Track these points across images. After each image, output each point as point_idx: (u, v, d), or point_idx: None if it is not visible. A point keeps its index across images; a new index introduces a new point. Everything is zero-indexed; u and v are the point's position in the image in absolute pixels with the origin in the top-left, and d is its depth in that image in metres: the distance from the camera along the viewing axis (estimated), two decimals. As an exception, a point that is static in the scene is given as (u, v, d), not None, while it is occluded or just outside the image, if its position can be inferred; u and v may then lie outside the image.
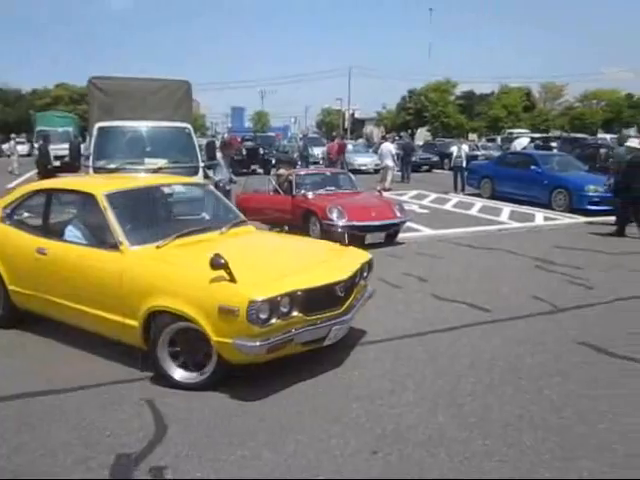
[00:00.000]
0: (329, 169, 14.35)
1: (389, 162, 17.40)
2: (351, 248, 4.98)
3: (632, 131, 63.30)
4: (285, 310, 3.78)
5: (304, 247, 5.32)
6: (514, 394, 3.86)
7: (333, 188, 10.07)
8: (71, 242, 4.63)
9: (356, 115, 71.30)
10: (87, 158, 8.54)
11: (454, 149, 17.11)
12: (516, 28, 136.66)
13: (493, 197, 14.86)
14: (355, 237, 8.44)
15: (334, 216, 8.57)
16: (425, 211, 13.04)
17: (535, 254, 8.32)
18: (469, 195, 15.83)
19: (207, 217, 5.53)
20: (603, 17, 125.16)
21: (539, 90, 68.71)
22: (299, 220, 9.40)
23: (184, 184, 6.04)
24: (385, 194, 14.10)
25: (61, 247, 4.61)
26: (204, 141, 15.07)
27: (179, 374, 3.97)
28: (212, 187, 6.03)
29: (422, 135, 59.57)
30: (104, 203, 4.43)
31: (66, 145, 17.68)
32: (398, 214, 9.02)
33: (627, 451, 3.15)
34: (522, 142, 24.45)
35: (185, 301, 3.80)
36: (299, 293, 3.84)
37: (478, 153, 24.80)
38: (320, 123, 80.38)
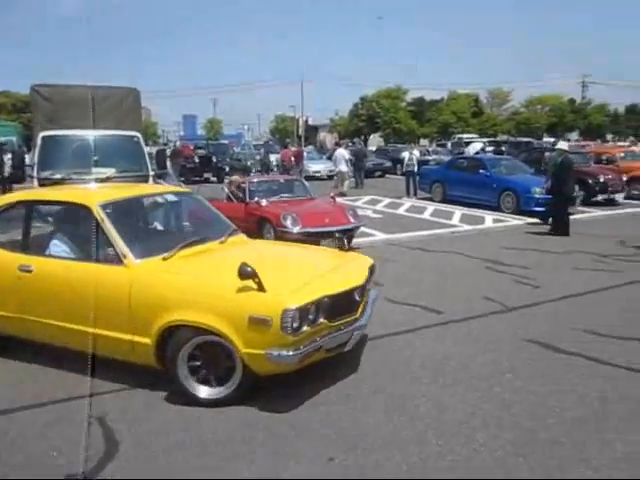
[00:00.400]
0: (282, 176, 14.34)
1: (343, 167, 17.66)
2: (352, 253, 4.99)
3: (575, 135, 66.10)
4: (313, 317, 3.71)
5: (310, 254, 5.25)
6: (466, 393, 3.94)
7: (287, 195, 10.08)
8: (61, 257, 4.34)
9: (310, 122, 71.53)
10: (32, 168, 8.26)
11: (406, 154, 17.40)
12: (461, 35, 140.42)
13: (444, 201, 15.17)
14: (309, 243, 8.52)
15: (288, 223, 8.56)
16: (379, 216, 13.19)
17: (485, 255, 8.54)
18: (421, 199, 16.11)
19: (201, 226, 5.26)
20: (545, 24, 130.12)
21: (486, 96, 70.78)
22: (253, 227, 9.34)
23: (175, 193, 5.74)
24: (339, 200, 14.19)
25: (50, 263, 4.28)
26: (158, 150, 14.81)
27: (204, 391, 3.78)
28: (200, 196, 5.80)
29: (375, 141, 60.31)
30: (100, 214, 4.15)
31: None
32: (352, 219, 9.08)
33: (574, 444, 3.26)
34: (475, 147, 25.23)
35: (210, 313, 3.63)
36: (325, 300, 3.79)
37: (429, 158, 25.30)
38: (274, 130, 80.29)
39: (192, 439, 3.36)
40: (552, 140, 29.81)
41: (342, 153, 18.07)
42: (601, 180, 14.89)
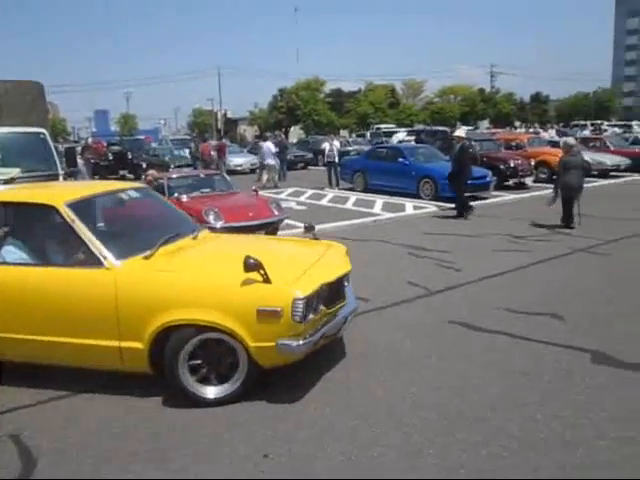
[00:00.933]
0: (203, 171, 14.01)
1: (270, 160, 17.63)
2: (325, 241, 5.00)
3: (486, 122, 69.23)
4: (315, 306, 3.72)
5: (290, 245, 5.26)
6: (394, 378, 4.00)
7: (208, 190, 9.85)
8: (24, 264, 3.93)
9: (229, 115, 70.51)
10: None
11: (326, 146, 17.49)
12: (376, 26, 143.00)
13: (366, 190, 15.40)
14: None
15: (211, 219, 8.36)
16: (302, 207, 13.20)
17: (407, 242, 8.75)
18: (344, 189, 16.27)
19: (166, 223, 4.89)
20: (452, 16, 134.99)
21: (402, 87, 72.55)
22: (174, 225, 9.08)
23: (136, 189, 5.29)
24: (262, 193, 14.07)
25: (12, 271, 3.87)
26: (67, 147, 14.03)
27: (210, 392, 3.66)
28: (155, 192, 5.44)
29: (296, 133, 60.35)
30: (70, 215, 3.83)
31: None
32: (275, 212, 9.02)
33: (498, 421, 3.39)
34: (399, 136, 25.96)
35: (214, 310, 3.52)
36: (324, 287, 3.80)
37: (350, 148, 25.59)
38: (192, 124, 78.44)
39: (118, 450, 3.20)
40: (465, 128, 30.95)
41: (269, 146, 18.00)
42: (512, 165, 15.67)
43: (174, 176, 10.54)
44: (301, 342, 3.55)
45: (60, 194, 4.28)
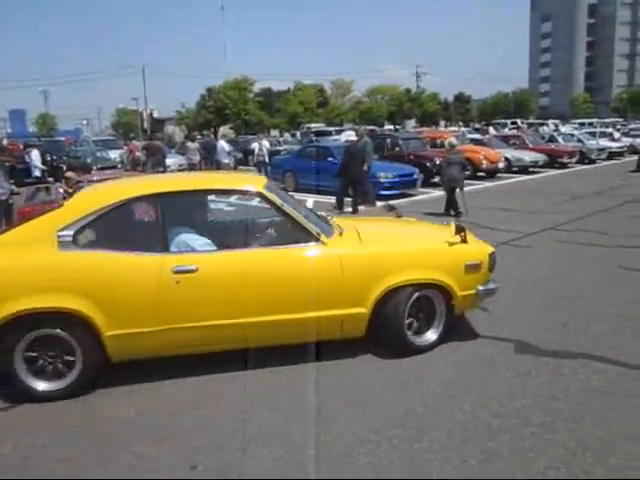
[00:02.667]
0: (128, 172, 13.50)
1: (225, 159, 17.92)
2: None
3: (412, 122, 71.15)
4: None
5: (419, 224, 5.90)
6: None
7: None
8: (238, 248, 4.02)
9: (155, 115, 68.64)
10: None
11: (255, 145, 17.39)
12: (305, 25, 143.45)
13: (297, 190, 15.36)
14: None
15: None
16: (232, 209, 12.96)
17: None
18: (275, 189, 16.18)
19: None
20: (377, 18, 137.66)
21: (330, 87, 73.21)
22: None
23: None
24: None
25: (226, 258, 3.93)
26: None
27: (415, 340, 4.31)
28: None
29: (225, 132, 59.56)
30: (276, 199, 4.16)
31: None
32: (204, 214, 8.80)
33: (429, 415, 3.44)
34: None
35: (432, 269, 4.23)
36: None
37: (280, 148, 25.53)
38: (116, 124, 75.82)
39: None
40: (392, 127, 31.64)
41: (222, 145, 18.32)
42: (437, 162, 16.11)
43: (95, 179, 10.08)
44: (493, 286, 4.50)
45: (253, 180, 4.69)
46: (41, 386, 3.71)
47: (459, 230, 4.48)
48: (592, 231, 8.90)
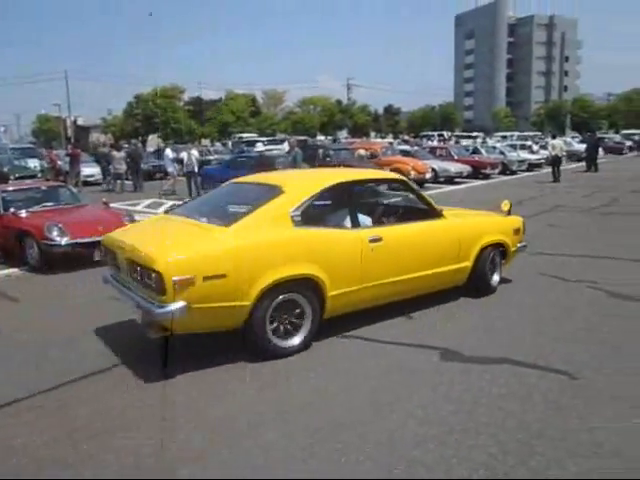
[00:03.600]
0: (44, 182, 12.85)
1: (170, 168, 17.70)
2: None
3: (344, 132, 72.25)
4: None
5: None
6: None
7: (52, 203, 9.04)
8: (399, 223, 5.43)
9: (79, 122, 66.14)
10: None
11: (184, 155, 17.01)
12: (237, 34, 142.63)
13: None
14: (83, 255, 7.77)
15: (54, 235, 7.67)
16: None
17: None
18: (205, 200, 15.91)
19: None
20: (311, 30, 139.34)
21: (262, 96, 73.20)
22: (11, 244, 8.22)
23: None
24: (116, 205, 13.33)
25: (395, 229, 5.24)
26: None
27: (493, 281, 6.17)
28: None
29: (154, 142, 58.23)
30: (413, 185, 5.81)
31: None
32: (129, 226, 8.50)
33: (358, 427, 3.43)
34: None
35: (500, 234, 6.15)
36: None
37: (211, 157, 25.17)
38: (37, 132, 72.34)
39: None
40: (324, 138, 31.96)
41: (167, 153, 18.25)
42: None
43: (10, 189, 9.54)
44: (524, 244, 6.64)
45: (396, 174, 6.51)
46: (282, 344, 4.43)
47: (510, 206, 6.49)
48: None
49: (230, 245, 4.22)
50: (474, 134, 52.67)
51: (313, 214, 4.80)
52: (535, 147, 30.21)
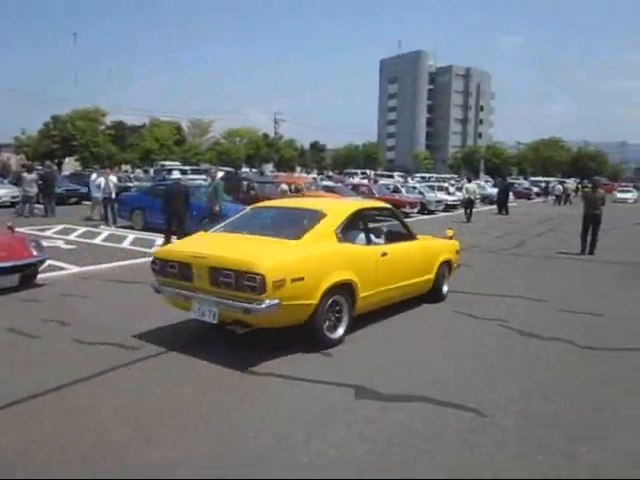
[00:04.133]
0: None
1: (97, 194, 16.63)
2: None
3: (270, 166, 72.59)
4: None
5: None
6: (166, 436, 3.68)
7: (-52, 226, 8.36)
8: (394, 243, 6.80)
9: (-12, 140, 62.32)
10: None
11: (101, 180, 16.36)
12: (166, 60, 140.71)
13: (146, 228, 14.69)
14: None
15: (-52, 259, 7.06)
16: (72, 247, 11.99)
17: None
18: (121, 227, 15.32)
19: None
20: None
21: (188, 125, 72.40)
22: None
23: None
24: (24, 230, 12.51)
25: (395, 247, 6.62)
26: None
27: (444, 289, 7.93)
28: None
29: (71, 165, 55.91)
30: (398, 214, 7.57)
31: None
32: (34, 252, 7.95)
33: (270, 467, 3.29)
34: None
35: (450, 253, 8.00)
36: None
37: (130, 184, 24.41)
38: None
39: None
40: (248, 170, 31.95)
41: (93, 178, 17.48)
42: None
43: None
44: (460, 262, 8.66)
45: (385, 203, 8.06)
46: (331, 336, 5.55)
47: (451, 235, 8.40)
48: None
49: (305, 254, 5.38)
50: (394, 174, 54.58)
51: (345, 233, 6.03)
52: (452, 189, 31.69)
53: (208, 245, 5.83)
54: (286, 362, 5.08)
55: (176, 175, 14.61)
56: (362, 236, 6.31)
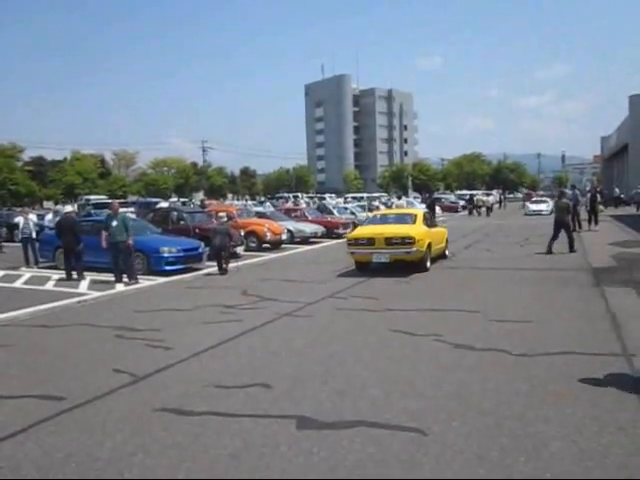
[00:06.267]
0: None
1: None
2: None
3: (200, 194, 71.60)
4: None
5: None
6: (91, 492, 3.43)
7: None
8: (432, 228, 14.62)
9: None
10: None
11: (20, 219, 15.56)
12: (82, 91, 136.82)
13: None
14: None
15: None
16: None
17: (116, 323, 8.09)
18: (44, 268, 14.57)
19: None
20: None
21: (112, 157, 70.53)
22: None
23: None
24: None
25: (434, 230, 14.25)
26: None
27: None
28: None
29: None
30: (431, 215, 17.94)
31: None
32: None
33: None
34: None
35: (445, 239, 15.67)
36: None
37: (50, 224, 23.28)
38: None
39: None
40: (176, 199, 31.41)
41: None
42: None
43: None
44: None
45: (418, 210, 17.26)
46: (427, 266, 13.03)
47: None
48: (365, 297, 9.63)
49: (419, 230, 12.65)
50: (325, 195, 55.21)
51: (424, 222, 13.30)
52: (382, 207, 32.32)
53: (377, 229, 12.96)
54: (229, 396, 4.90)
55: (68, 208, 15.06)
56: (427, 223, 13.56)
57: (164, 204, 29.47)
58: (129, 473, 3.63)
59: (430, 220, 14.30)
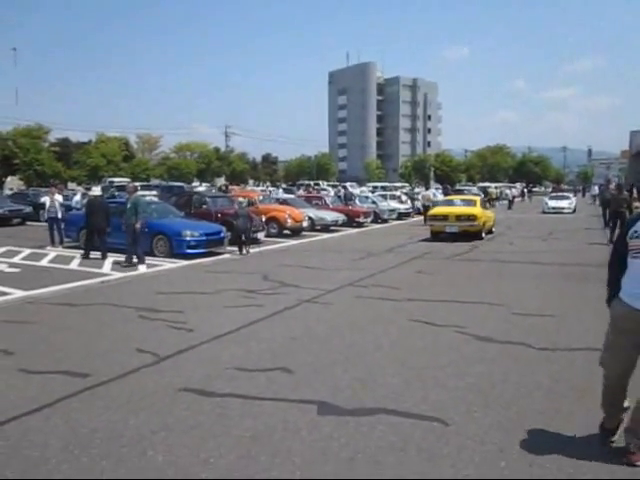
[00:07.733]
0: None
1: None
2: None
3: (222, 180, 71.94)
4: None
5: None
6: (116, 466, 3.50)
7: None
8: (485, 209, 21.33)
9: None
10: None
11: (47, 199, 15.78)
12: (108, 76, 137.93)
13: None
14: None
15: None
16: (16, 270, 11.49)
17: (139, 304, 8.20)
18: (69, 248, 14.80)
19: None
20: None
21: (136, 140, 71.07)
22: None
23: None
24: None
25: (487, 212, 21.05)
26: None
27: None
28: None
29: (14, 184, 54.00)
30: (483, 199, 25.80)
31: None
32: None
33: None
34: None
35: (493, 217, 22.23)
36: None
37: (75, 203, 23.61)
38: None
39: None
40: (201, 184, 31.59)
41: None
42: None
43: None
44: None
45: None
46: (484, 237, 18.77)
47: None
48: (385, 286, 9.61)
49: (479, 211, 18.42)
50: (347, 184, 55.04)
51: (480, 205, 19.33)
52: (404, 197, 32.14)
53: (450, 209, 18.55)
54: (251, 379, 4.95)
55: (95, 191, 15.32)
56: (483, 206, 19.37)
57: (201, 188, 29.92)
58: (152, 450, 3.69)
59: (484, 205, 20.26)
